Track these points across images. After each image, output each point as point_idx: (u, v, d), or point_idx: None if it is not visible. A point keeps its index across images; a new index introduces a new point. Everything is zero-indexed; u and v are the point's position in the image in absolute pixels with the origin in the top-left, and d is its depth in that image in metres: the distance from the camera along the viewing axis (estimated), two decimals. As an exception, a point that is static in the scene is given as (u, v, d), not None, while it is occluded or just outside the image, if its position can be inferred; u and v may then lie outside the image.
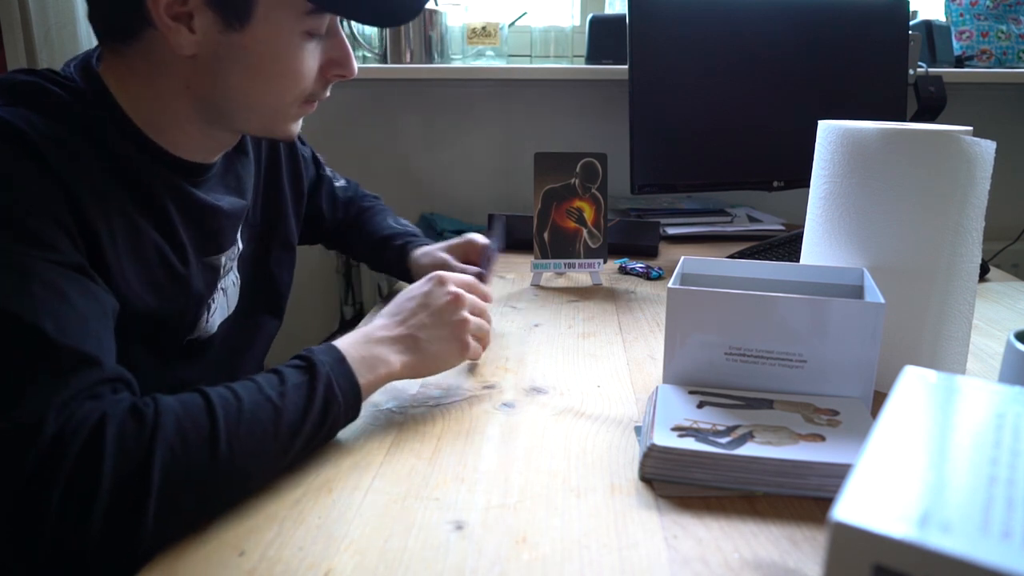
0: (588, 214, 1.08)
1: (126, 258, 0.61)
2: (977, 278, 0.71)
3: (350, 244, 1.09)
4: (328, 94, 0.72)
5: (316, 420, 0.57)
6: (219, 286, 0.78)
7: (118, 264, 0.60)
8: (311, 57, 0.66)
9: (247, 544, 0.48)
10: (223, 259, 0.76)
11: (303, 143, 1.01)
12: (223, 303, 0.80)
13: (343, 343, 0.63)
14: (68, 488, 0.45)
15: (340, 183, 1.09)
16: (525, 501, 0.53)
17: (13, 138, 0.54)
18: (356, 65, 0.70)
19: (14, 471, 0.45)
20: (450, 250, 1.00)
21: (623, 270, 1.18)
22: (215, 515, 0.51)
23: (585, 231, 1.08)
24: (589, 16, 1.53)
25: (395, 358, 0.65)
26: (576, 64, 1.62)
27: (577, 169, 1.07)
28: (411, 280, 0.70)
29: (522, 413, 0.67)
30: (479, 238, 0.99)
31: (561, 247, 1.08)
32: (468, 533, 0.50)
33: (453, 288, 0.70)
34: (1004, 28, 1.61)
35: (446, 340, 0.68)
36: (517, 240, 1.30)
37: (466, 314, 0.70)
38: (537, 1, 1.66)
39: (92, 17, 0.64)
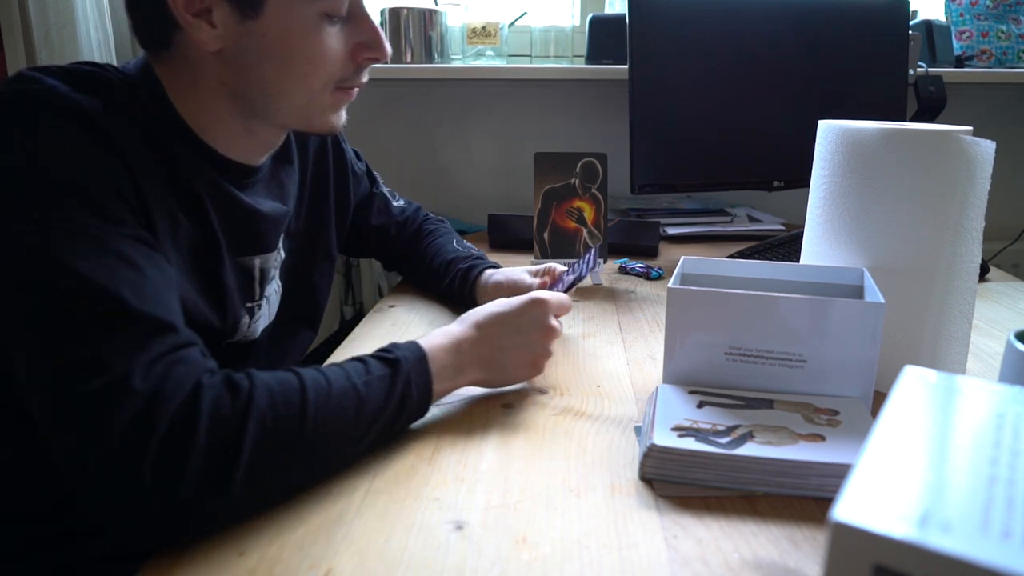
0: (588, 214, 1.08)
1: (169, 244, 0.63)
2: (977, 278, 0.71)
3: (412, 267, 1.06)
4: (365, 79, 0.71)
5: (391, 415, 0.59)
6: (264, 293, 0.79)
7: (165, 248, 0.62)
8: (333, 40, 0.66)
9: (247, 544, 0.48)
10: (257, 261, 0.77)
11: (359, 158, 1.01)
12: (267, 311, 0.81)
13: (430, 344, 0.65)
14: (162, 447, 0.46)
15: (399, 203, 1.08)
16: (525, 501, 0.53)
17: (83, 119, 0.57)
18: (388, 47, 0.70)
19: (106, 429, 0.46)
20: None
21: (623, 270, 1.18)
22: (289, 495, 0.53)
23: (585, 231, 1.08)
24: (589, 16, 1.53)
25: (472, 374, 0.67)
26: (576, 64, 1.62)
27: (577, 169, 1.07)
28: (475, 305, 0.72)
29: (522, 413, 0.67)
30: (559, 266, 0.93)
31: (561, 247, 1.08)
32: (468, 533, 0.50)
33: (550, 320, 0.71)
34: (1004, 28, 1.61)
35: (523, 366, 0.71)
36: (517, 240, 1.30)
37: (551, 346, 0.72)
38: (537, 1, 1.66)
39: (134, 30, 0.66)
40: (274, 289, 0.82)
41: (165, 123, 0.65)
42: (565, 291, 0.83)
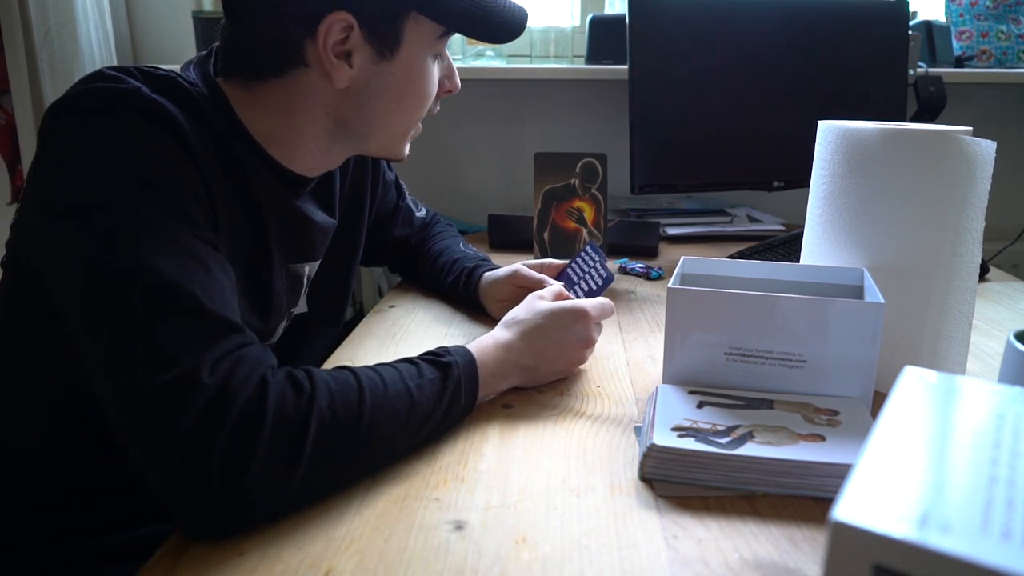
0: (588, 214, 1.08)
1: (227, 248, 0.64)
2: (977, 278, 0.71)
3: (417, 268, 1.07)
4: (437, 109, 0.76)
5: (440, 417, 0.61)
6: (301, 296, 0.81)
7: (226, 251, 0.63)
8: (436, 77, 0.72)
9: (247, 544, 0.48)
10: (306, 268, 0.79)
11: (390, 168, 1.03)
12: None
13: (479, 349, 0.68)
14: (230, 440, 0.48)
15: (421, 213, 1.09)
16: (525, 501, 0.53)
17: (165, 120, 0.58)
18: (459, 79, 0.75)
19: (175, 421, 0.48)
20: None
21: (623, 270, 1.18)
22: (338, 490, 0.54)
23: (585, 231, 1.08)
24: (589, 16, 1.53)
25: (512, 380, 0.70)
26: (576, 64, 1.62)
27: (577, 169, 1.07)
28: (476, 305, 0.74)
29: (522, 413, 0.67)
30: (556, 261, 0.96)
31: (561, 247, 1.08)
32: (468, 533, 0.50)
33: (591, 333, 0.74)
34: (1004, 28, 1.61)
35: (559, 372, 0.74)
36: (517, 240, 1.30)
37: (588, 354, 0.76)
38: (537, 1, 1.66)
39: (228, 57, 0.67)
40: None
41: (231, 132, 0.66)
42: (598, 294, 0.86)
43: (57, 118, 0.58)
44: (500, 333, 0.71)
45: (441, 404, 0.61)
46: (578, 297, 0.86)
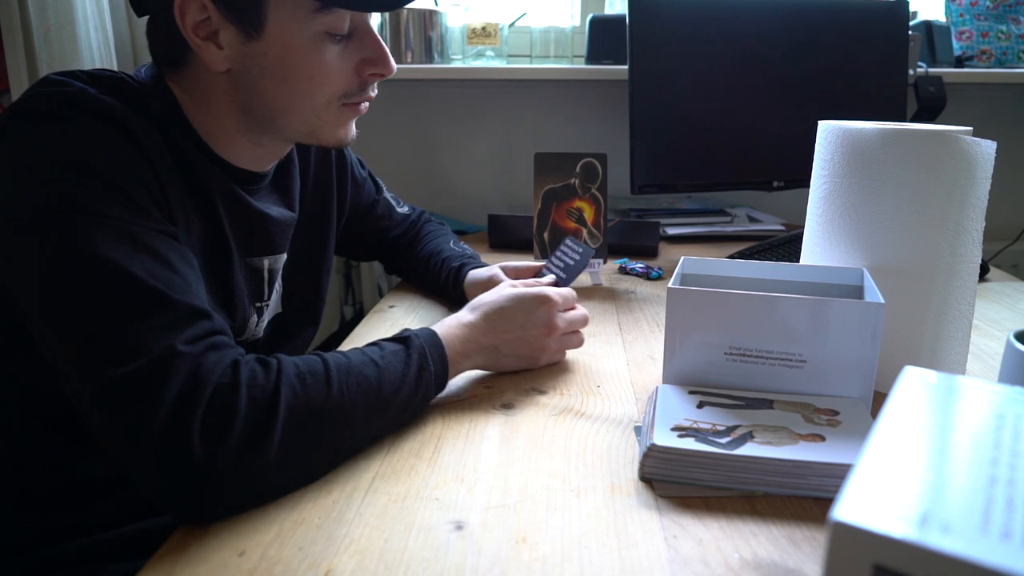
0: (588, 214, 1.08)
1: (184, 242, 0.64)
2: (977, 278, 0.71)
3: (408, 266, 1.08)
4: (373, 93, 0.73)
5: (412, 383, 0.62)
6: (272, 294, 0.81)
7: (185, 244, 0.64)
8: (335, 57, 0.68)
9: (247, 544, 0.48)
10: (266, 262, 0.79)
11: (362, 165, 1.03)
12: (269, 310, 0.82)
13: (442, 327, 0.70)
14: (207, 416, 0.50)
15: (403, 209, 1.10)
16: (525, 501, 0.53)
17: (114, 119, 0.59)
18: (393, 63, 0.72)
19: (153, 406, 0.49)
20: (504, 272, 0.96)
21: (623, 270, 1.18)
22: (326, 459, 0.56)
23: (585, 231, 1.08)
24: (589, 16, 1.53)
25: (476, 359, 0.72)
26: (576, 64, 1.62)
27: (577, 169, 1.07)
28: (465, 302, 0.74)
29: (522, 413, 0.67)
30: (533, 264, 0.95)
31: (561, 247, 1.08)
32: (468, 533, 0.50)
33: (554, 319, 0.75)
34: (1004, 28, 1.61)
35: (521, 356, 0.75)
36: (517, 240, 1.30)
37: (551, 342, 0.76)
38: (537, 1, 1.66)
39: (150, 50, 0.69)
40: (276, 289, 0.83)
41: (179, 130, 0.67)
42: (568, 284, 0.87)
43: (10, 123, 0.58)
44: (464, 313, 0.73)
45: (409, 370, 0.62)
46: (562, 282, 0.88)
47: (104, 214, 0.55)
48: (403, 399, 0.61)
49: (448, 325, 0.70)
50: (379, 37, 0.71)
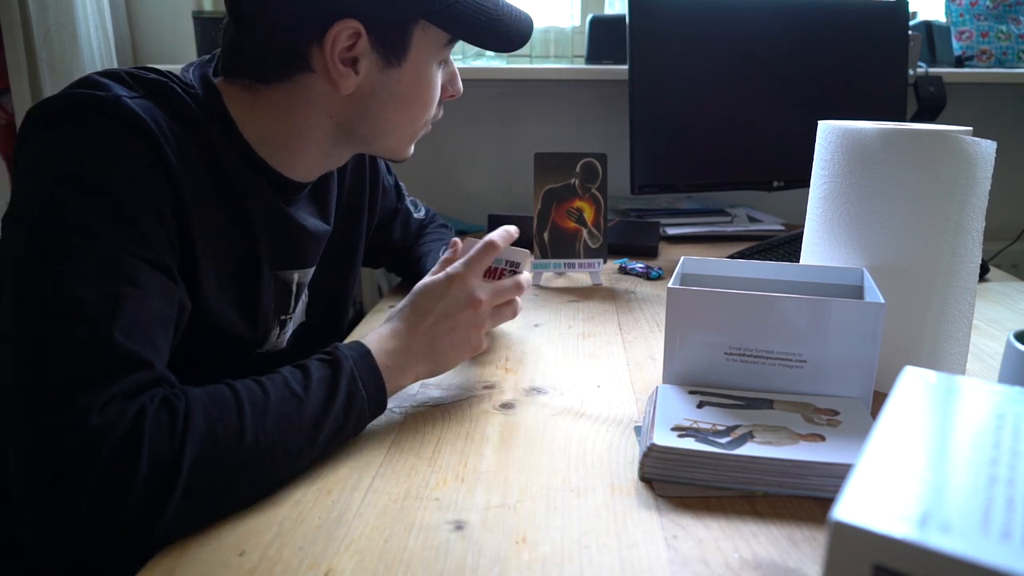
0: (588, 214, 1.08)
1: (210, 258, 0.63)
2: (977, 278, 0.71)
3: (409, 269, 1.07)
4: (441, 114, 0.77)
5: (340, 413, 0.58)
6: (297, 306, 0.80)
7: (204, 264, 0.62)
8: (439, 82, 0.72)
9: (247, 544, 0.48)
10: (296, 275, 0.78)
11: (389, 171, 1.02)
12: (293, 321, 0.81)
13: (371, 341, 0.65)
14: (104, 476, 0.46)
15: (419, 215, 1.09)
16: (525, 501, 0.53)
17: (139, 130, 0.57)
18: (461, 83, 0.76)
19: (49, 458, 0.47)
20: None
21: (623, 270, 1.18)
22: (245, 503, 0.52)
23: (585, 231, 1.08)
24: (589, 16, 1.53)
25: (413, 370, 0.66)
26: (576, 64, 1.62)
27: (577, 169, 1.07)
28: None
29: (522, 413, 0.67)
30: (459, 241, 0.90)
31: (561, 247, 1.08)
32: (468, 533, 0.50)
33: (474, 292, 0.69)
34: (1004, 28, 1.61)
35: (460, 344, 0.69)
36: (517, 240, 1.30)
37: (482, 317, 0.70)
38: (537, 1, 1.66)
39: (231, 60, 0.67)
40: (302, 300, 0.83)
41: (225, 138, 0.65)
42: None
43: (33, 125, 0.57)
44: (384, 326, 0.68)
45: (336, 398, 0.57)
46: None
47: (92, 232, 0.52)
48: (330, 431, 0.57)
49: (379, 339, 0.65)
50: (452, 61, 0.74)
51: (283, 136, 0.68)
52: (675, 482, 0.55)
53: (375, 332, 0.67)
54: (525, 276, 0.75)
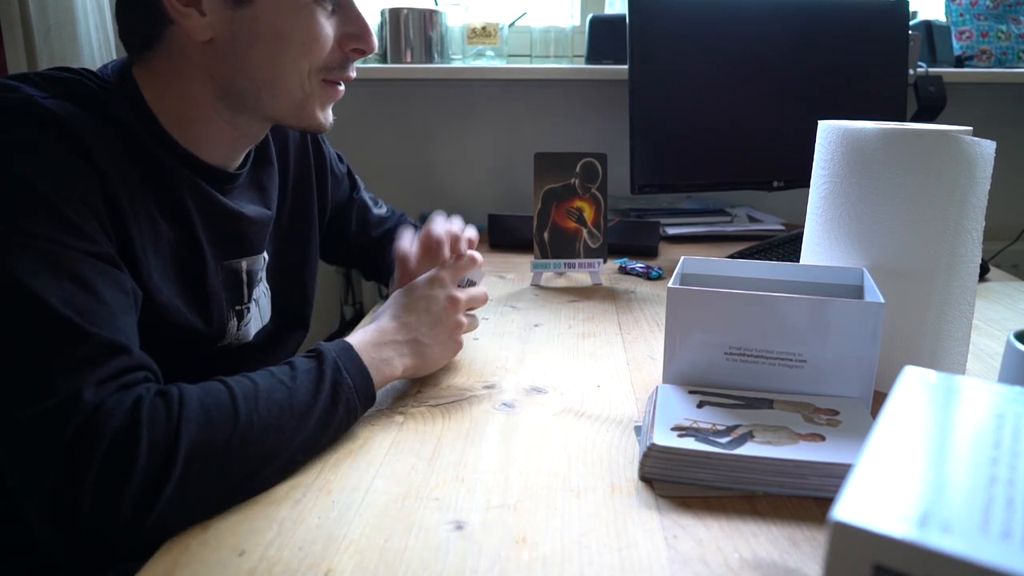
0: (588, 214, 1.08)
1: (150, 251, 0.63)
2: (977, 278, 0.71)
3: (381, 270, 1.05)
4: (353, 74, 0.72)
5: (327, 399, 0.59)
6: (253, 296, 0.79)
7: (144, 256, 0.62)
8: (325, 26, 0.67)
9: (247, 544, 0.48)
10: (243, 264, 0.77)
11: (341, 160, 1.00)
12: (256, 313, 0.81)
13: (354, 338, 0.66)
14: (106, 462, 0.47)
15: (380, 211, 1.06)
16: (525, 501, 0.53)
17: (57, 126, 0.56)
18: (375, 40, 0.71)
19: (52, 446, 0.47)
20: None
21: (623, 270, 1.18)
22: (241, 491, 0.53)
23: (585, 231, 1.08)
24: (589, 16, 1.53)
25: (399, 361, 0.68)
26: (576, 64, 1.62)
27: (577, 169, 1.07)
28: None
29: (522, 413, 0.67)
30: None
31: (561, 247, 1.08)
32: (468, 533, 0.50)
33: (450, 291, 0.73)
34: (1004, 28, 1.61)
35: (444, 343, 0.73)
36: (517, 240, 1.30)
37: (462, 317, 0.74)
38: (537, 1, 1.66)
39: (120, 33, 0.67)
40: (262, 291, 0.82)
41: (145, 129, 0.64)
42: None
43: None
44: (371, 324, 0.70)
45: (323, 385, 0.59)
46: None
47: (29, 233, 0.52)
48: (320, 416, 0.58)
49: (359, 336, 0.67)
50: (362, 14, 0.70)
51: (181, 107, 0.66)
52: (675, 482, 0.55)
53: (357, 333, 0.68)
54: (485, 290, 0.81)
